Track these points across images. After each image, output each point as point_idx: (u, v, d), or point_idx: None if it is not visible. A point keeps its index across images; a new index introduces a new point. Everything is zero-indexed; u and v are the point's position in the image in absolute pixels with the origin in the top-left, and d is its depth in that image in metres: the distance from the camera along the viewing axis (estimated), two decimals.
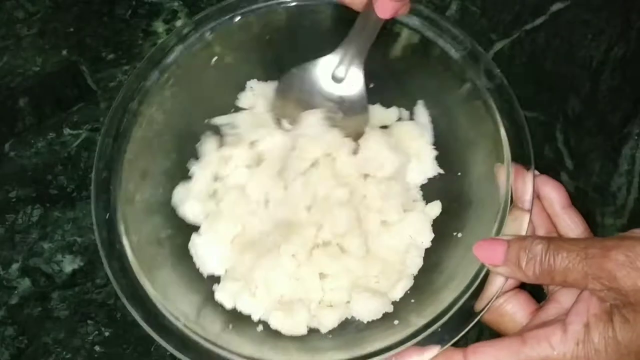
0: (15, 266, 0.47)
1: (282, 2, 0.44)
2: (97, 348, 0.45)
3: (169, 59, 0.43)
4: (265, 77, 0.48)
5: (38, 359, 0.45)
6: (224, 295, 0.42)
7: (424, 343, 0.35)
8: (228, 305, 0.42)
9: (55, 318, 0.46)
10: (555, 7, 0.55)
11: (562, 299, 0.35)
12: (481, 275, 0.36)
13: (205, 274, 0.43)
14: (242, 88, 0.48)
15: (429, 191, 0.46)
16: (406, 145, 0.46)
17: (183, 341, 0.36)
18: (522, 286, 0.37)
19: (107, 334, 0.46)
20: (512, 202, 0.38)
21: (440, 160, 0.46)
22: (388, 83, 0.47)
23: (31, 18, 0.55)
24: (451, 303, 0.37)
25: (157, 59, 0.43)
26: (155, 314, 0.37)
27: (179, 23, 0.55)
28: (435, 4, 0.55)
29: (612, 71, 0.53)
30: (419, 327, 0.36)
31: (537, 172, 0.39)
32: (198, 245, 0.44)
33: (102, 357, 0.45)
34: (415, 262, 0.43)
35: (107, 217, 0.39)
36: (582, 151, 0.51)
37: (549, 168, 0.40)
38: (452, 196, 0.44)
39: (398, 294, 0.42)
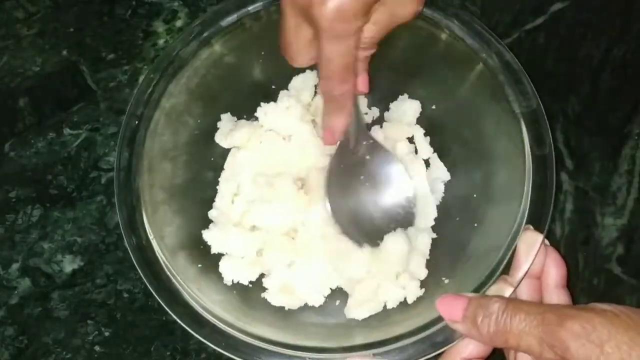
0: (15, 266, 0.47)
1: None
2: (97, 348, 0.45)
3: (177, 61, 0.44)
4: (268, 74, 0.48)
5: (38, 359, 0.45)
6: (216, 238, 0.43)
7: None
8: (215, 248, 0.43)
9: (55, 318, 0.46)
10: (555, 7, 0.55)
11: None
12: (440, 325, 0.36)
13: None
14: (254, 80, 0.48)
15: (445, 228, 0.45)
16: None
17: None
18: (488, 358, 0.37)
19: (107, 334, 0.46)
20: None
21: (464, 207, 0.45)
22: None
23: (31, 18, 0.55)
24: (398, 336, 0.37)
25: (164, 65, 0.44)
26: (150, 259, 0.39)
27: (179, 23, 0.55)
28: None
29: (612, 71, 0.53)
30: (354, 344, 0.37)
31: (546, 242, 0.38)
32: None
33: (102, 357, 0.45)
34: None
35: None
36: (582, 151, 0.51)
37: None
38: (461, 244, 0.43)
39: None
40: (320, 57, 0.37)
